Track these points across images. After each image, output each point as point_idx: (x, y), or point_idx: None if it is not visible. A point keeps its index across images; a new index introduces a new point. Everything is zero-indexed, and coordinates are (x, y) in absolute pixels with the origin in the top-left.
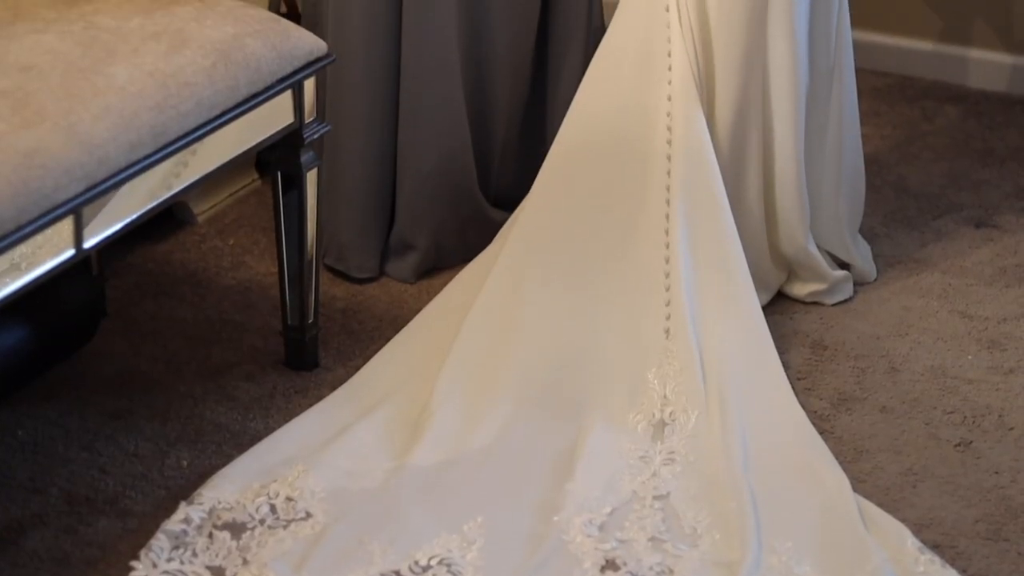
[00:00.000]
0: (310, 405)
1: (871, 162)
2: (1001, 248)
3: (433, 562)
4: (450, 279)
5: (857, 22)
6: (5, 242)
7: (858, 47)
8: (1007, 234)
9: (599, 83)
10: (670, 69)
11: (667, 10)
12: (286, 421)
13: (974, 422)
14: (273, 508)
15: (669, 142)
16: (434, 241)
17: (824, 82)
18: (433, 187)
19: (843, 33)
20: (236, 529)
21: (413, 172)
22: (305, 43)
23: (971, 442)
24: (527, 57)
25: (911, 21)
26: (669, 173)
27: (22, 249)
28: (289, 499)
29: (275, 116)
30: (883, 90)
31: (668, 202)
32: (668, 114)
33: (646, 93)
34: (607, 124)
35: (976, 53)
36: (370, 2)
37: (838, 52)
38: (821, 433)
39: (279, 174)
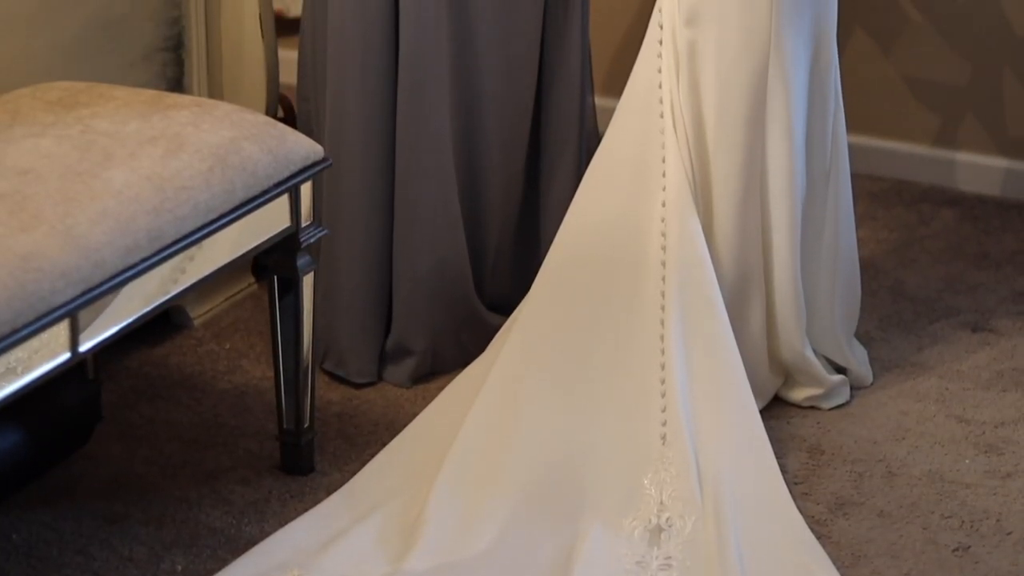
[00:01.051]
0: (306, 509)
1: (868, 266)
2: (998, 352)
3: None
4: (447, 384)
5: (853, 126)
6: (1, 345)
7: (855, 151)
8: (1004, 338)
9: (595, 190)
10: (664, 175)
11: (661, 116)
12: (281, 526)
13: (972, 527)
14: None
15: (663, 248)
16: (431, 345)
17: (820, 186)
18: (429, 291)
19: (839, 137)
20: None
21: (409, 276)
22: (302, 147)
23: (969, 547)
24: (520, 161)
25: (907, 125)
26: (664, 279)
27: (18, 352)
28: None
29: (272, 220)
30: (879, 194)
31: (663, 308)
32: (662, 220)
33: (641, 200)
34: (602, 230)
35: (971, 157)
36: (366, 107)
37: (834, 156)
38: (819, 538)
39: (275, 278)
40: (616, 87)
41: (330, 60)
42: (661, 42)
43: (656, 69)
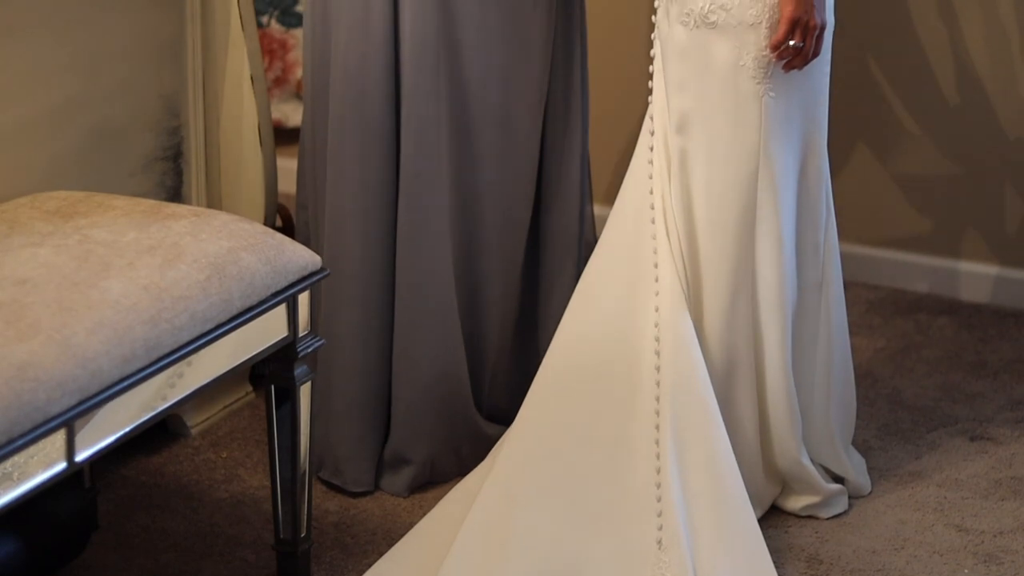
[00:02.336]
0: None
1: (865, 374)
2: (996, 461)
3: None
4: (444, 494)
5: (849, 234)
6: None
7: (851, 260)
8: (1001, 447)
9: (589, 295)
10: (657, 281)
11: (653, 223)
12: None
13: None
14: None
15: (658, 353)
16: (429, 456)
17: (813, 295)
18: (428, 402)
19: (831, 246)
20: None
21: (408, 387)
22: (300, 257)
23: None
24: (519, 272)
25: (902, 234)
26: (658, 384)
27: (13, 461)
28: None
29: (269, 330)
30: (876, 303)
31: (658, 413)
32: (656, 325)
33: (634, 305)
34: (596, 336)
35: (967, 265)
36: (365, 219)
37: (826, 265)
38: None
39: (272, 387)
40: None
41: (329, 171)
42: (652, 149)
43: (648, 175)
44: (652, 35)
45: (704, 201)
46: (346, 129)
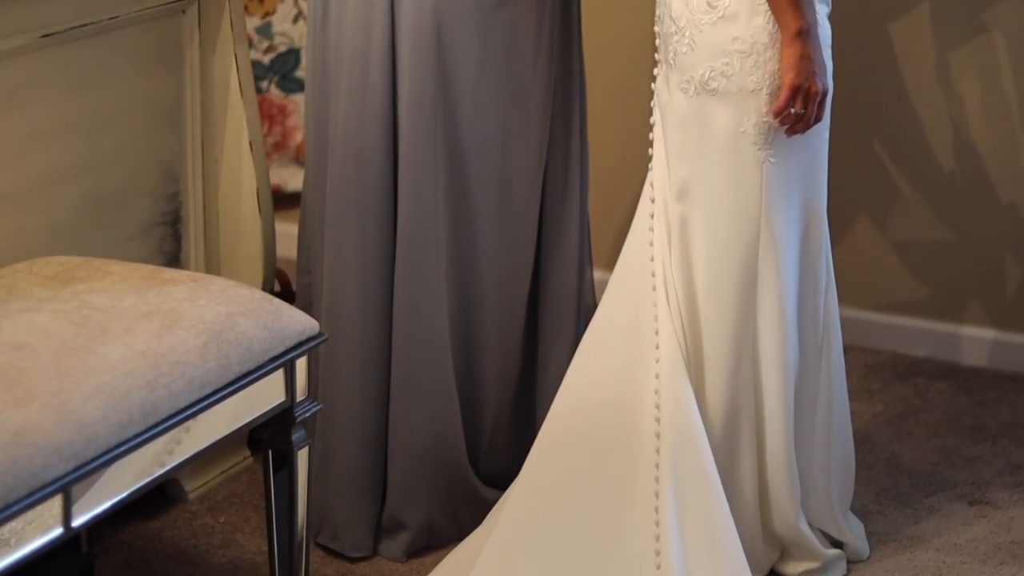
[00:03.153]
0: None
1: (864, 439)
2: (995, 525)
3: None
4: (442, 558)
5: (848, 299)
6: None
7: (850, 324)
8: (1000, 511)
9: (589, 360)
10: (658, 347)
11: (654, 289)
12: None
13: None
14: None
15: (658, 420)
16: (426, 520)
17: (813, 360)
18: (425, 466)
19: (831, 311)
20: None
21: (405, 451)
22: (297, 323)
23: None
24: (517, 337)
25: (901, 298)
26: (658, 451)
27: (10, 526)
28: None
29: (267, 395)
30: (875, 367)
31: (658, 480)
32: (656, 392)
33: (634, 370)
34: (596, 403)
35: (965, 329)
36: (363, 284)
37: (826, 330)
38: None
39: (270, 452)
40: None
41: (327, 237)
42: (653, 215)
43: (648, 242)
44: (652, 102)
45: (705, 267)
46: (345, 192)
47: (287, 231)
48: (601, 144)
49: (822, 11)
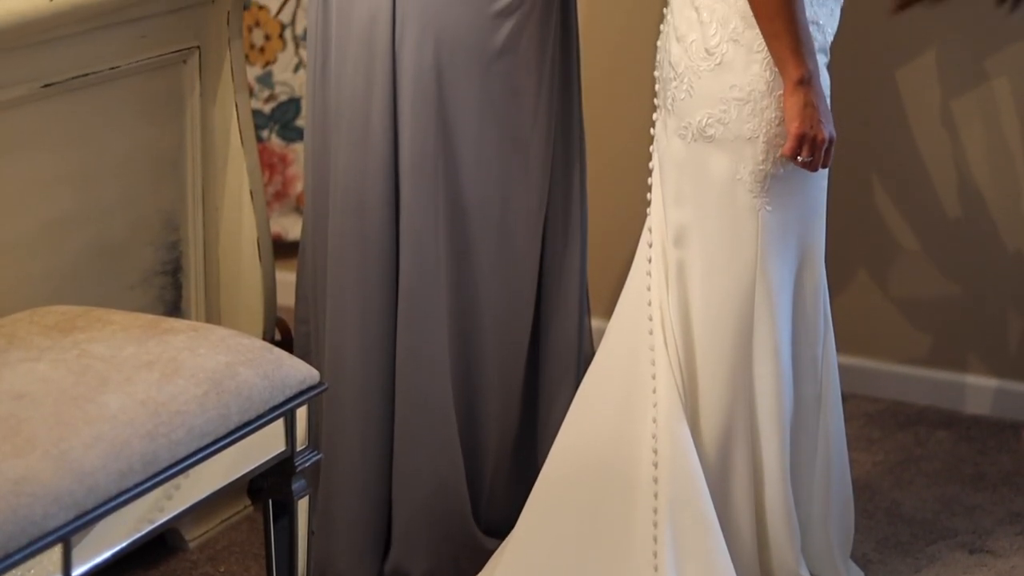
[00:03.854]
0: None
1: (864, 487)
2: (996, 574)
3: None
4: None
5: (848, 347)
6: None
7: (850, 372)
8: (1001, 559)
9: (586, 406)
10: (655, 392)
11: (651, 334)
12: None
13: None
14: None
15: (655, 464)
16: (428, 569)
17: (811, 408)
18: (427, 517)
19: (829, 359)
20: None
21: (408, 502)
22: (298, 372)
23: None
24: (518, 386)
25: (901, 347)
26: (656, 496)
27: (10, 575)
28: None
29: (267, 444)
30: (875, 415)
31: (656, 524)
32: (653, 436)
33: (632, 416)
34: (594, 448)
35: (966, 378)
36: (365, 332)
37: (824, 378)
38: None
39: (270, 502)
40: None
41: (329, 284)
42: (651, 260)
43: (646, 287)
44: (651, 148)
45: (701, 313)
46: (346, 243)
47: (288, 280)
48: (600, 192)
49: (821, 60)
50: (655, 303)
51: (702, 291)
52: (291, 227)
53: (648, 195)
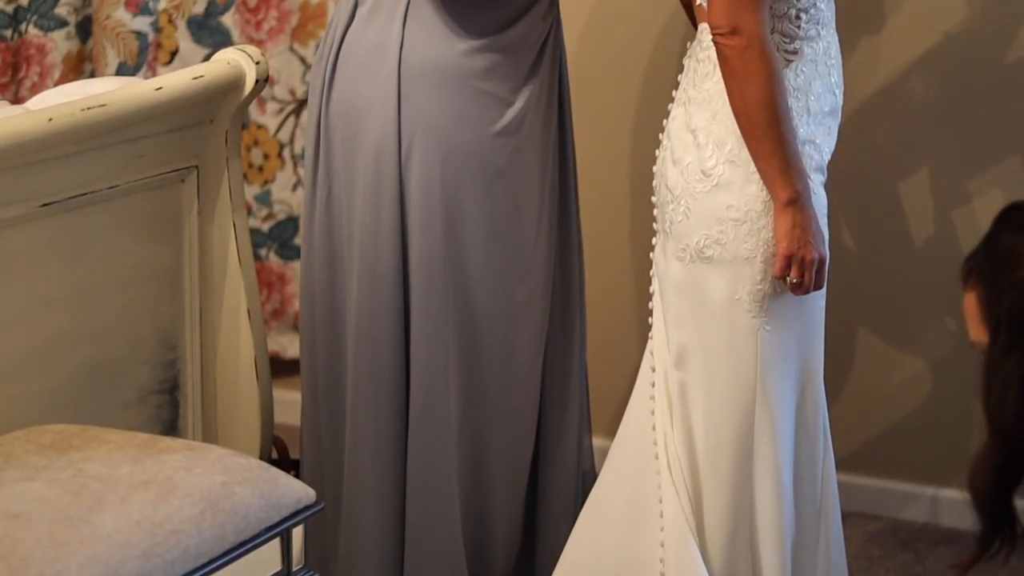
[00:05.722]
0: None
1: None
2: None
3: None
4: None
5: (846, 465)
6: None
7: (849, 490)
8: None
9: (591, 531)
10: (662, 516)
11: (656, 458)
12: None
13: None
14: None
15: None
16: None
17: (811, 528)
18: None
19: (828, 478)
20: None
21: None
22: (294, 491)
23: None
24: (520, 503)
25: (900, 464)
26: None
27: None
28: None
29: (263, 564)
30: (875, 534)
31: None
32: (661, 561)
33: (638, 539)
34: (600, 569)
35: (965, 495)
36: (377, 463)
37: (824, 497)
38: None
39: None
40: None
41: (348, 401)
42: (654, 384)
43: (649, 411)
44: (651, 271)
45: (703, 435)
46: (359, 359)
47: (285, 397)
48: (600, 311)
49: (817, 179)
50: (659, 427)
51: (704, 413)
52: (289, 345)
53: (649, 319)
